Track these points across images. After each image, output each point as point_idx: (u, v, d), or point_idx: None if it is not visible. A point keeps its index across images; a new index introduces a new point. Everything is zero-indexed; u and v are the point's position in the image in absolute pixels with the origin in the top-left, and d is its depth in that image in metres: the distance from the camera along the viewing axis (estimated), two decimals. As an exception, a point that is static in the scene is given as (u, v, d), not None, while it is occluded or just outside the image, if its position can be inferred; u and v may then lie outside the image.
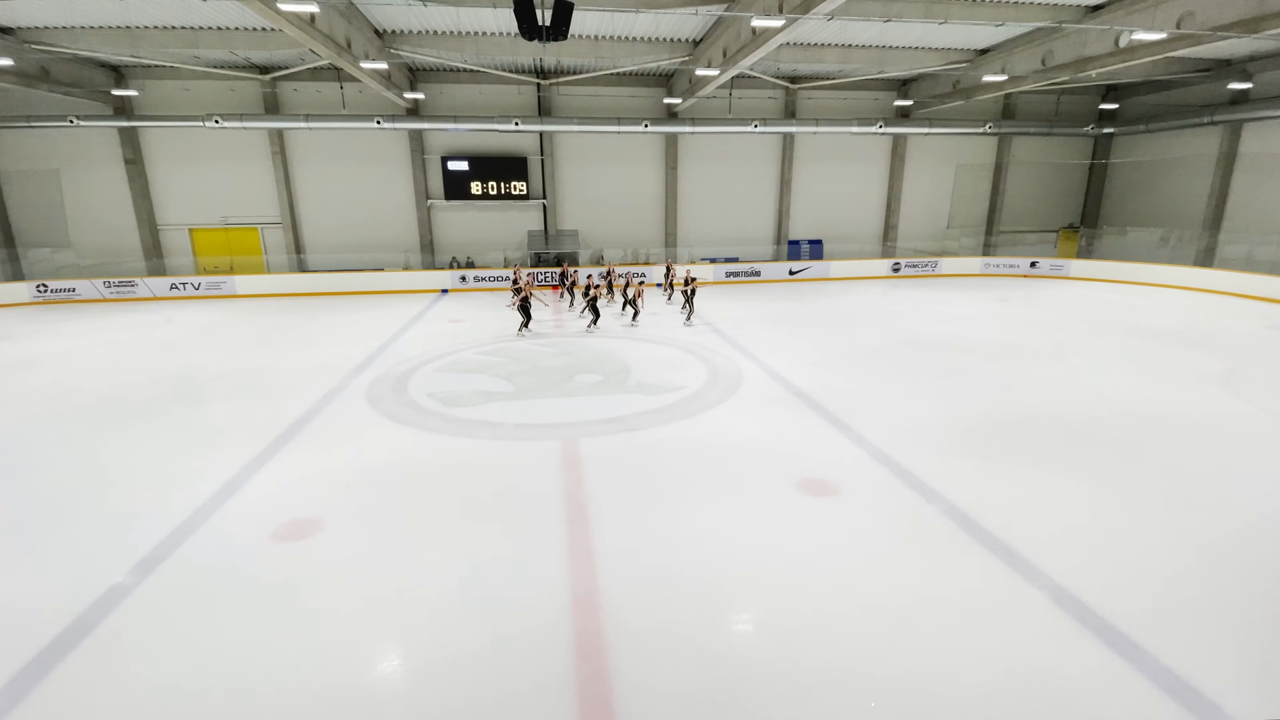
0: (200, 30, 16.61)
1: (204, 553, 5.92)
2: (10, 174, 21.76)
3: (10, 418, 9.55)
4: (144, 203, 22.32)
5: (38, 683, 4.33)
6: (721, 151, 24.64)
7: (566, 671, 4.40)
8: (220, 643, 4.72)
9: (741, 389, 10.71)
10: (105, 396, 10.55)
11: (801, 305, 18.98)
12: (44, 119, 19.60)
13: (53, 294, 20.55)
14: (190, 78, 21.10)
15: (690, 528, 6.29)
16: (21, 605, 5.16)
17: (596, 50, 18.29)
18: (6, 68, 16.22)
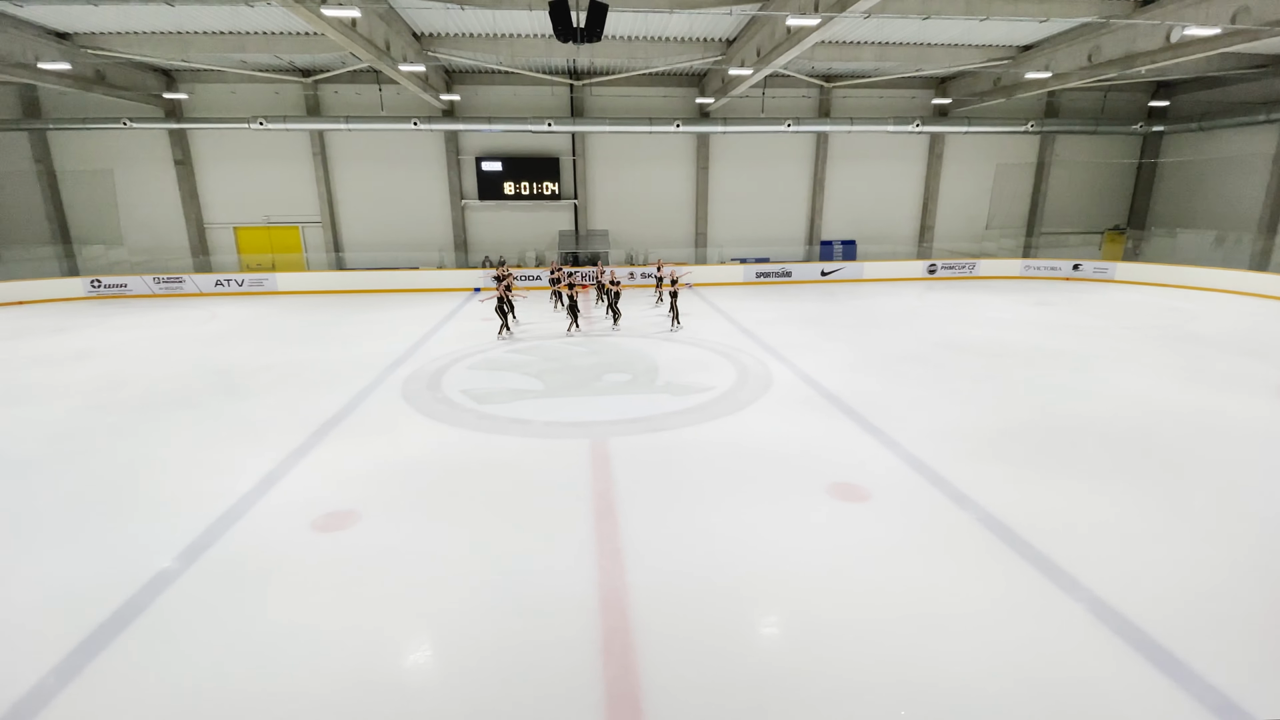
0: (247, 35, 17.17)
1: (247, 541, 6.13)
2: (67, 174, 22.81)
3: (66, 407, 10.01)
4: (192, 202, 23.18)
5: (91, 659, 4.54)
6: (753, 151, 24.48)
7: (594, 668, 4.44)
8: (261, 628, 4.89)
9: (771, 391, 10.65)
10: (154, 388, 10.98)
11: (833, 306, 18.75)
12: (99, 121, 20.47)
13: (105, 289, 21.45)
14: (237, 81, 21.81)
15: (718, 528, 6.28)
16: (77, 586, 5.42)
17: (630, 51, 18.36)
18: (64, 72, 16.98)
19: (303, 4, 10.56)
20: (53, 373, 12.02)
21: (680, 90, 23.39)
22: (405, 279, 22.78)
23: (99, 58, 17.93)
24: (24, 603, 5.21)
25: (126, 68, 19.72)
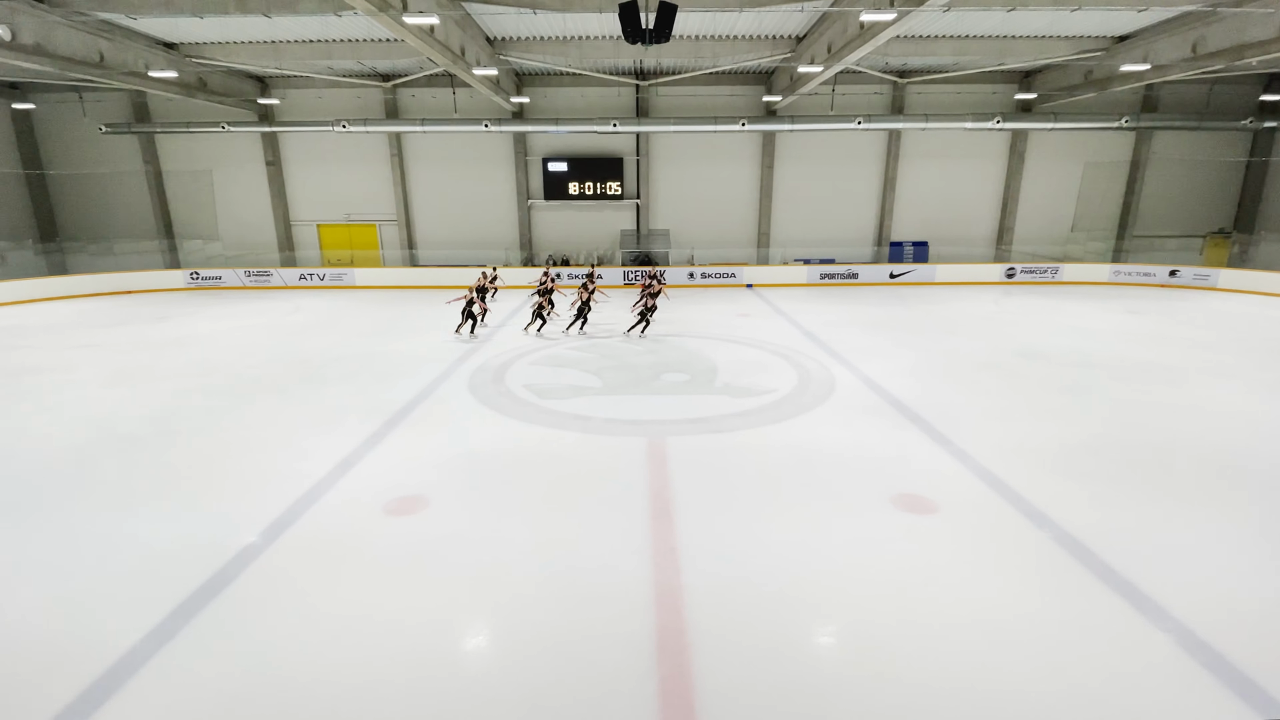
0: (334, 43, 18.15)
1: (324, 521, 6.49)
2: (171, 174, 24.77)
3: (168, 390, 10.87)
4: (280, 201, 24.72)
5: (186, 623, 4.92)
6: (821, 149, 23.95)
7: (648, 664, 4.48)
8: (336, 605, 5.17)
9: (834, 395, 10.40)
10: (243, 375, 11.77)
11: (902, 310, 18.12)
12: (200, 125, 22.09)
13: (202, 281, 23.17)
14: (323, 86, 23.10)
15: (777, 534, 6.20)
16: (174, 555, 5.88)
17: (696, 50, 18.32)
18: (171, 80, 18.42)
19: (385, 12, 11.06)
20: (155, 357, 13.07)
21: (746, 89, 23.14)
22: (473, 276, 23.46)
23: (201, 66, 19.36)
24: (128, 568, 5.70)
25: (225, 75, 21.22)
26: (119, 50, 16.64)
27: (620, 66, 21.59)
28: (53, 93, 23.10)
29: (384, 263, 24.94)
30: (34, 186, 24.50)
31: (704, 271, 23.37)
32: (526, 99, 21.91)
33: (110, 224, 25.11)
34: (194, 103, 21.28)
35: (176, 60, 18.44)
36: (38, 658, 4.56)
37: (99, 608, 5.13)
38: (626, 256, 24.50)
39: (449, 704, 4.14)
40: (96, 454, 8.18)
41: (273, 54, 18.72)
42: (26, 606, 5.16)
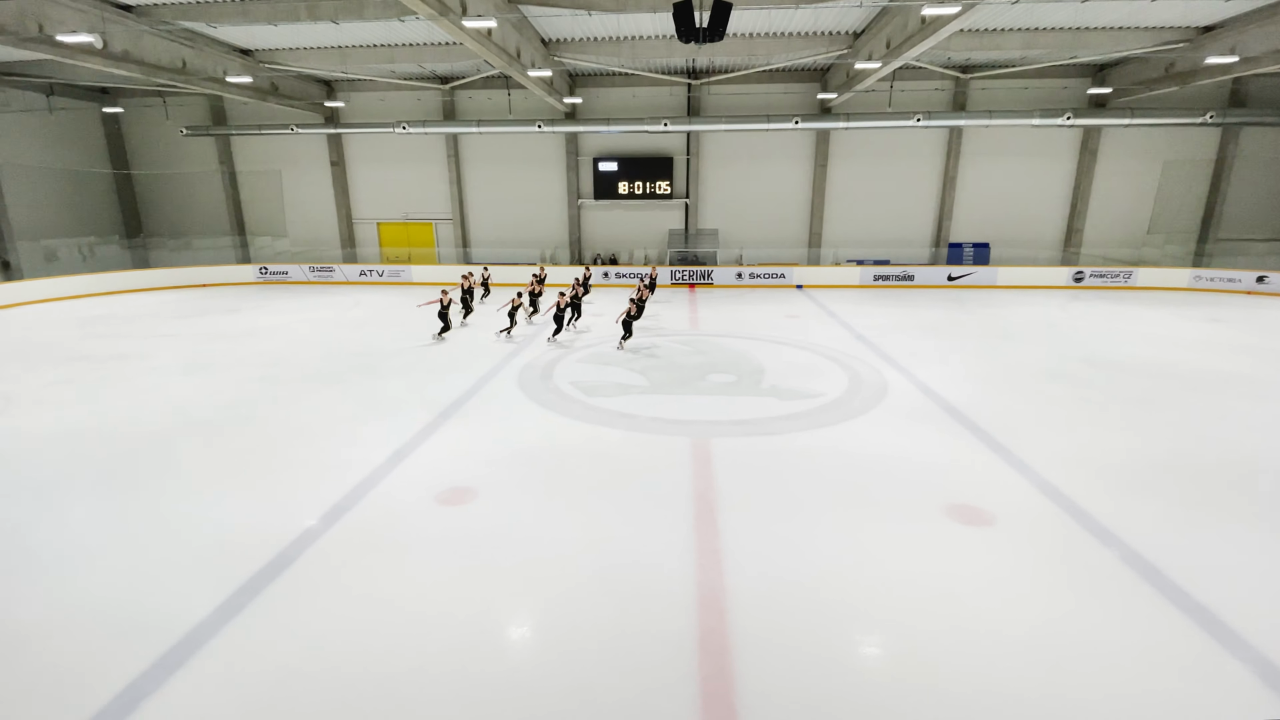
0: (396, 47, 18.78)
1: (379, 508, 6.75)
2: (244, 174, 26.14)
3: (238, 377, 11.48)
4: (343, 199, 25.75)
5: (251, 600, 5.20)
6: (877, 147, 23.33)
7: (690, 664, 4.48)
8: (389, 589, 5.37)
9: (886, 401, 10.14)
10: (307, 366, 12.32)
11: (961, 314, 17.49)
12: (271, 127, 23.20)
13: (271, 275, 24.35)
14: (385, 89, 23.93)
15: (823, 540, 6.10)
16: (242, 533, 6.22)
17: (750, 48, 18.13)
18: (246, 84, 19.42)
19: (446, 17, 11.38)
20: (227, 347, 13.82)
21: (800, 86, 22.76)
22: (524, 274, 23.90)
23: (274, 71, 20.34)
24: (202, 545, 6.06)
25: (295, 79, 22.23)
26: (200, 57, 17.65)
27: (672, 66, 21.56)
28: (139, 97, 24.70)
29: (439, 260, 25.65)
30: (121, 185, 26.29)
31: (752, 272, 23.13)
32: (579, 99, 22.14)
33: (188, 221, 26.69)
34: (266, 106, 22.39)
35: (251, 66, 19.43)
36: (119, 623, 4.91)
37: (175, 581, 5.48)
38: (674, 256, 24.46)
39: (495, 692, 4.24)
40: (176, 437, 8.72)
41: (339, 58, 19.51)
42: (112, 576, 5.56)
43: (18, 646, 4.67)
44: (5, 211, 21.74)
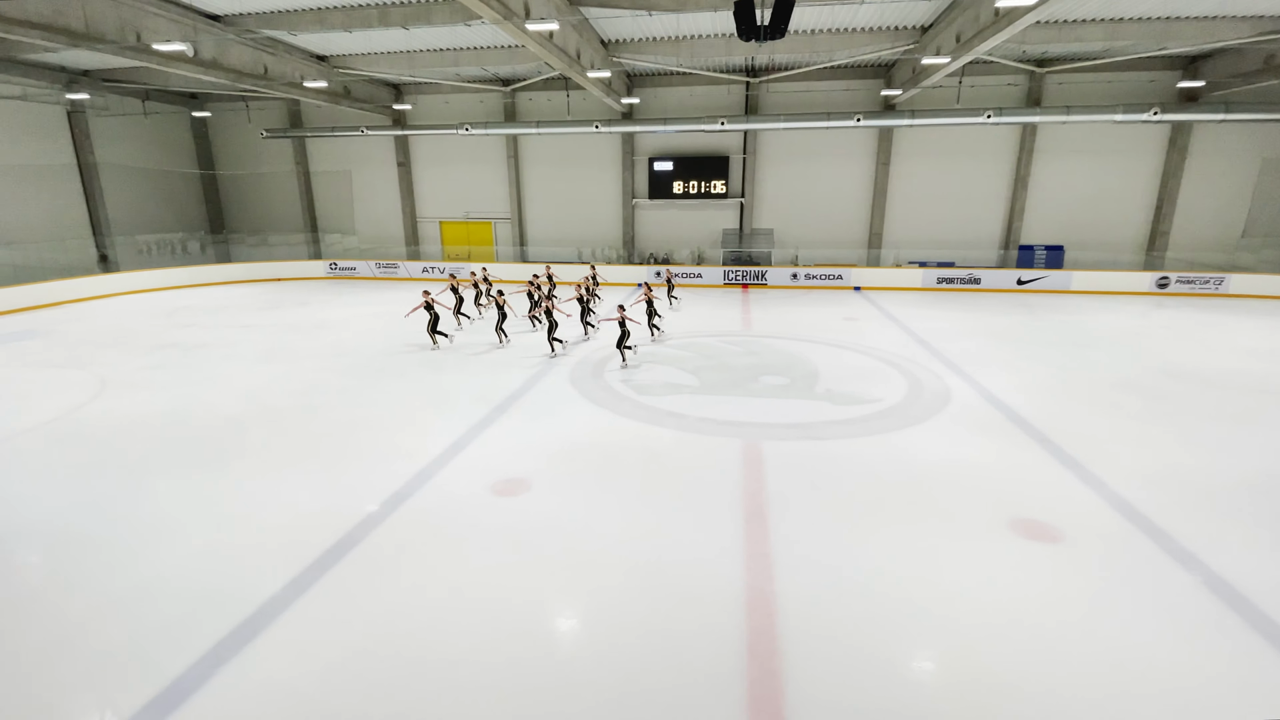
0: (461, 50, 19.32)
1: (437, 496, 6.98)
2: (317, 174, 27.45)
3: (309, 367, 12.08)
4: (408, 199, 26.72)
5: (319, 578, 5.47)
6: (943, 145, 22.49)
7: (737, 664, 4.45)
8: (444, 573, 5.55)
9: (948, 409, 9.78)
10: (372, 358, 12.84)
11: (1031, 320, 16.69)
12: (343, 129, 24.27)
13: (340, 271, 25.48)
14: (449, 92, 24.68)
15: (877, 549, 5.94)
16: (311, 517, 6.55)
17: (812, 44, 17.78)
18: (321, 89, 20.38)
19: (510, 20, 11.64)
20: (300, 339, 14.55)
21: (863, 82, 22.18)
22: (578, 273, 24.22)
23: (346, 75, 21.28)
24: (275, 524, 6.42)
25: (366, 83, 23.18)
26: (280, 63, 18.64)
27: (731, 64, 21.39)
28: (224, 102, 26.31)
29: (497, 258, 26.27)
30: (206, 185, 28.08)
31: (808, 273, 22.70)
32: (636, 100, 22.23)
33: (265, 218, 28.28)
34: (339, 109, 23.45)
35: (326, 71, 20.39)
36: (200, 593, 5.25)
37: (249, 556, 5.83)
38: (728, 256, 24.27)
39: (546, 679, 4.33)
40: (251, 422, 9.26)
41: (407, 63, 20.23)
42: (193, 548, 5.95)
43: (111, 611, 5.06)
44: (104, 209, 23.54)
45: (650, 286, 14.41)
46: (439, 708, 4.10)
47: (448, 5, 15.01)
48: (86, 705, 4.15)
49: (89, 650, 4.62)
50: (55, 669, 4.43)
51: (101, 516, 6.58)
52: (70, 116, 22.30)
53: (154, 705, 4.09)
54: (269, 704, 4.11)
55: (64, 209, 22.44)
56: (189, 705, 4.10)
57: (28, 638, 4.75)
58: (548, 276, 18.89)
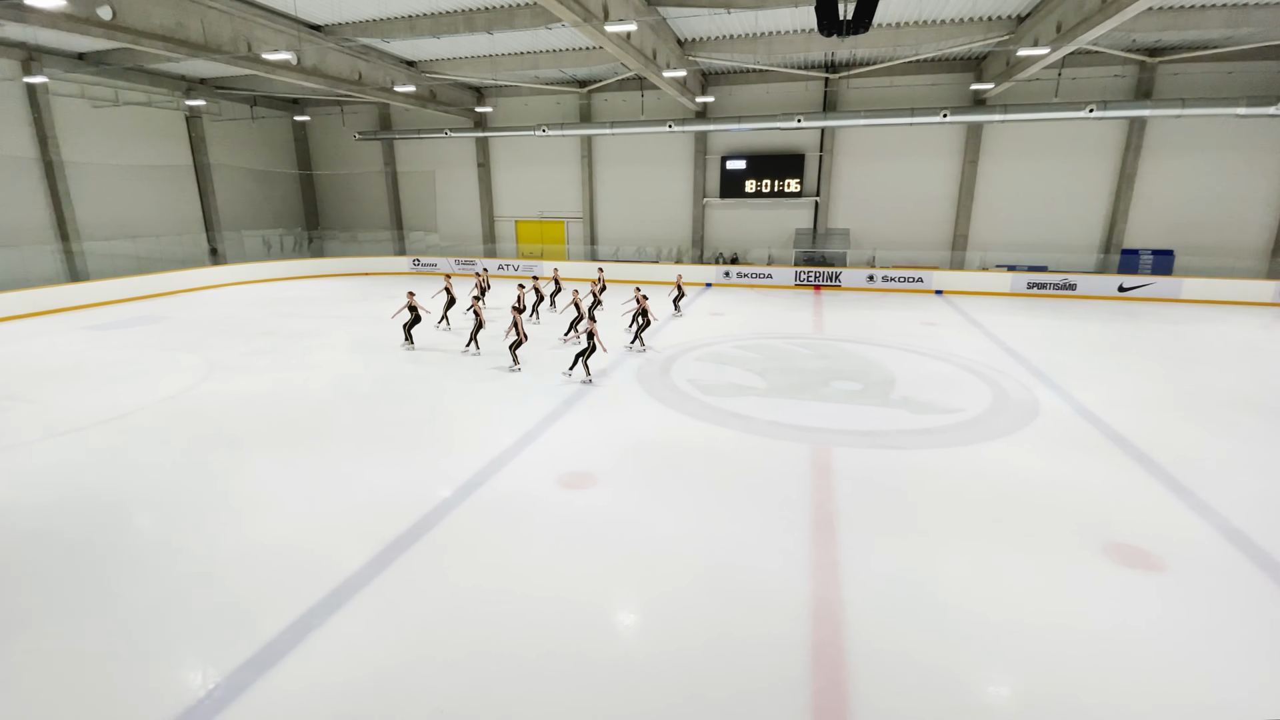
0: (541, 53, 19.80)
1: (507, 486, 7.20)
2: (403, 174, 28.86)
3: (394, 358, 12.72)
4: (487, 198, 27.67)
5: (396, 558, 5.76)
6: (1038, 141, 21.15)
7: (802, 674, 4.37)
8: (513, 561, 5.73)
9: (1037, 422, 9.21)
10: (450, 351, 13.38)
11: (1133, 330, 15.47)
12: (428, 131, 25.38)
13: (421, 267, 26.69)
14: (528, 94, 25.35)
15: (955, 566, 5.67)
16: (391, 499, 6.90)
17: (896, 38, 17.13)
18: (410, 93, 21.38)
19: (589, 23, 11.83)
20: (384, 330, 15.33)
21: (950, 76, 21.17)
22: (646, 271, 24.37)
23: (433, 80, 22.24)
24: (359, 504, 6.81)
25: (450, 87, 24.16)
26: (373, 69, 19.71)
27: (810, 60, 20.92)
28: (321, 106, 28.05)
29: (568, 256, 26.79)
30: (304, 184, 30.07)
31: (885, 275, 21.90)
32: (711, 98, 22.09)
33: (356, 216, 30.00)
34: (426, 112, 24.56)
35: (414, 76, 21.38)
36: (292, 563, 5.64)
37: (335, 532, 6.21)
38: (800, 256, 23.75)
39: (609, 673, 4.39)
40: (341, 407, 9.86)
41: (490, 66, 20.94)
42: (286, 521, 6.40)
43: (213, 574, 5.52)
44: (215, 206, 25.61)
45: (644, 295, 13.74)
46: (504, 689, 4.24)
47: (529, 9, 15.43)
48: (192, 660, 4.54)
49: (195, 609, 5.05)
50: (166, 624, 4.88)
51: (208, 487, 7.17)
52: (188, 121, 24.38)
53: (250, 664, 4.43)
54: (350, 672, 4.37)
55: (180, 206, 24.58)
56: (281, 666, 4.41)
57: (144, 593, 5.25)
58: (554, 281, 18.88)
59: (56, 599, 5.19)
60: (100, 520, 6.47)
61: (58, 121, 19.97)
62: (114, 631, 4.80)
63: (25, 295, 17.49)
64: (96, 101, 21.11)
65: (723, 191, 24.31)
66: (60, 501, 6.86)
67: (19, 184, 19.37)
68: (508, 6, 15.59)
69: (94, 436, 8.68)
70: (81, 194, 20.89)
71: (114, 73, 20.57)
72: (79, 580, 5.44)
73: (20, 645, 4.67)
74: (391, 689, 4.23)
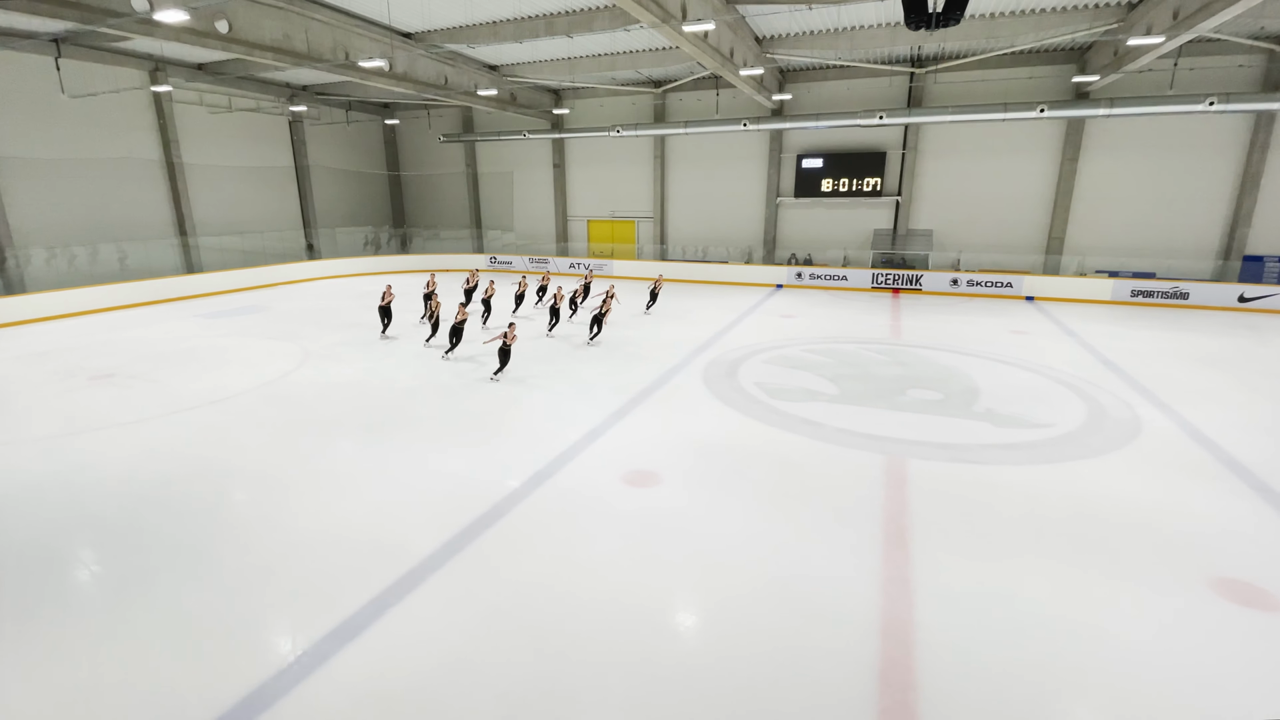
0: (618, 55, 20.02)
1: (573, 480, 7.34)
2: (483, 175, 29.89)
3: (471, 351, 13.19)
4: (561, 198, 28.26)
5: (470, 543, 5.99)
6: (1148, 138, 19.49)
7: (868, 691, 4.23)
8: (578, 554, 5.83)
9: (1138, 442, 8.51)
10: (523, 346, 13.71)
11: (1254, 345, 14.03)
12: (508, 133, 26.17)
13: (498, 264, 27.55)
14: (604, 95, 25.67)
15: (1038, 591, 5.33)
16: (466, 486, 7.17)
17: (990, 29, 16.22)
18: (491, 96, 22.11)
19: (667, 23, 11.85)
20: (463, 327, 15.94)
21: (1047, 69, 19.84)
22: (716, 272, 24.21)
23: (514, 83, 22.90)
24: (434, 487, 7.12)
25: (530, 90, 24.82)
26: (458, 74, 20.51)
27: (895, 55, 20.14)
28: (409, 110, 29.45)
29: (638, 256, 26.97)
30: (392, 184, 31.68)
31: (971, 279, 20.81)
32: (788, 95, 21.62)
33: (438, 215, 31.36)
34: (506, 115, 25.38)
35: (496, 79, 22.09)
36: (373, 542, 5.96)
37: (413, 515, 6.52)
38: (878, 258, 22.91)
39: (671, 672, 4.40)
40: (423, 396, 10.35)
41: (568, 69, 21.36)
42: (369, 503, 6.77)
43: (301, 548, 5.91)
44: (313, 205, 27.38)
45: (613, 296, 14.68)
46: (566, 682, 4.32)
47: (608, 12, 15.61)
48: (282, 628, 4.89)
49: (285, 581, 5.43)
50: (260, 593, 5.27)
51: (298, 467, 7.69)
52: (290, 125, 26.17)
53: (334, 635, 4.72)
54: (423, 650, 4.58)
55: (282, 204, 26.43)
56: (361, 640, 4.68)
57: (240, 563, 5.69)
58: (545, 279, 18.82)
59: (167, 560, 5.71)
60: (206, 491, 7.07)
61: (179, 126, 21.90)
62: (214, 594, 5.23)
63: (149, 285, 19.34)
64: (213, 108, 23.01)
65: (797, 190, 23.79)
66: (174, 472, 7.54)
67: (146, 184, 21.39)
68: (587, 10, 15.85)
69: (204, 415, 9.48)
70: (198, 193, 22.84)
71: (228, 81, 22.37)
72: (187, 544, 5.97)
73: (134, 600, 5.16)
74: (461, 670, 4.41)
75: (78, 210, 19.54)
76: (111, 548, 6.00)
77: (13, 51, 17.09)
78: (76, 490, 7.11)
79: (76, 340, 14.39)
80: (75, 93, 18.24)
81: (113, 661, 4.51)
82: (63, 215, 19.17)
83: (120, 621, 4.93)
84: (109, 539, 6.14)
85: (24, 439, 8.60)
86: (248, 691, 4.21)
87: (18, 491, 7.10)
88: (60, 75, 17.35)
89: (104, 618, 4.98)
